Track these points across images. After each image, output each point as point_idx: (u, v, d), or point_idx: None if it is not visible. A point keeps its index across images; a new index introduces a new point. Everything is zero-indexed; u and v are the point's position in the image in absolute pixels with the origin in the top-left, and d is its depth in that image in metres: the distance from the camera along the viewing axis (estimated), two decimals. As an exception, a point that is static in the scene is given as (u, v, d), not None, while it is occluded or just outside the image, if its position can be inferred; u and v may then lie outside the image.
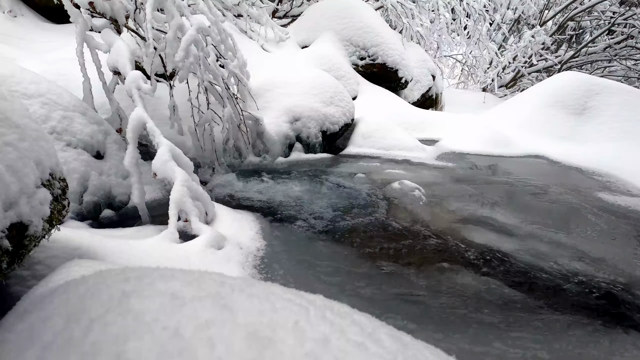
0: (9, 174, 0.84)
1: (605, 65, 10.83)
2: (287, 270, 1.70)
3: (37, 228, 0.93)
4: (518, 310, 1.56)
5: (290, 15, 7.43)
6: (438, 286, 1.69)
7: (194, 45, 2.48)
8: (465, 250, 2.02)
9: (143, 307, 0.57)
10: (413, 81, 6.82)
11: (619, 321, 1.54)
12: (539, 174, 3.63)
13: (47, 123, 1.95)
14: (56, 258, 1.11)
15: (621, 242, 2.29)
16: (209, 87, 2.91)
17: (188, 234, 1.77)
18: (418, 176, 3.27)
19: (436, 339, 1.35)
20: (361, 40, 6.01)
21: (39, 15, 4.60)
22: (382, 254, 1.94)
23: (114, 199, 2.22)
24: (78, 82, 2.43)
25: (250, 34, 5.47)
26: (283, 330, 0.53)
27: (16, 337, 0.62)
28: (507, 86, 11.60)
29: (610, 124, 4.54)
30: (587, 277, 1.85)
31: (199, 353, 0.48)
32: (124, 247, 1.40)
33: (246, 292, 0.62)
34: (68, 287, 0.71)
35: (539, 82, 5.71)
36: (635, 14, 9.30)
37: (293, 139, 3.67)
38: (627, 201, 2.98)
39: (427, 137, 4.92)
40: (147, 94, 2.11)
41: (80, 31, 2.24)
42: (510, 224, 2.40)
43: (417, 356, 0.57)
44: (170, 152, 1.94)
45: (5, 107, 0.92)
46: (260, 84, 3.83)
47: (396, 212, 2.46)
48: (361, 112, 4.56)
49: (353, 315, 0.63)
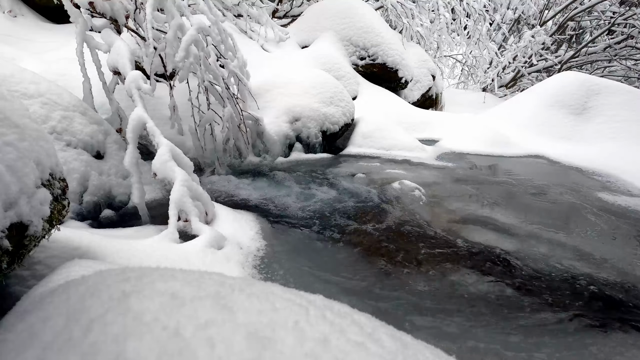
0: (9, 174, 0.84)
1: (605, 65, 10.83)
2: (287, 270, 1.70)
3: (37, 228, 0.93)
4: (517, 310, 1.56)
5: (290, 15, 7.43)
6: (438, 286, 1.69)
7: (194, 45, 2.48)
8: (465, 250, 2.02)
9: (143, 307, 0.57)
10: (413, 81, 6.82)
11: (619, 321, 1.54)
12: (539, 173, 3.63)
13: (47, 123, 1.95)
14: (56, 258, 1.11)
15: (621, 242, 2.29)
16: (209, 87, 2.91)
17: (188, 234, 1.77)
18: (418, 176, 3.27)
19: (436, 338, 1.35)
20: (361, 40, 6.01)
21: (39, 15, 4.60)
22: (382, 254, 1.94)
23: (114, 199, 2.22)
24: (78, 82, 2.43)
25: (250, 34, 5.47)
26: (283, 330, 0.53)
27: (16, 337, 0.62)
28: (507, 86, 11.60)
29: (610, 124, 4.53)
30: (587, 277, 1.85)
31: (199, 353, 0.48)
32: (124, 247, 1.40)
33: (246, 292, 0.62)
34: (68, 287, 0.71)
35: (539, 82, 5.71)
36: (635, 14, 9.30)
37: (293, 139, 3.67)
38: (627, 201, 2.98)
39: (427, 137, 4.92)
40: (147, 94, 2.11)
41: (80, 31, 2.24)
42: (510, 223, 2.40)
43: (417, 356, 0.57)
44: (170, 152, 1.94)
45: (5, 107, 0.92)
46: (260, 84, 3.83)
47: (396, 212, 2.46)
48: (361, 112, 4.56)
49: (353, 315, 0.63)
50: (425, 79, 7.25)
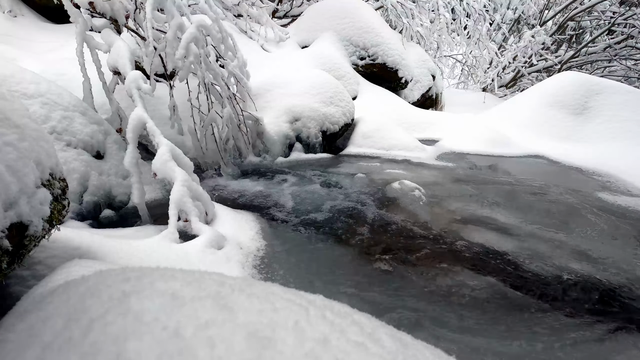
0: (9, 174, 0.84)
1: (605, 65, 10.82)
2: (287, 270, 1.70)
3: (37, 228, 0.93)
4: (517, 310, 1.56)
5: (290, 15, 7.43)
6: (437, 286, 1.69)
7: (194, 43, 2.48)
8: (465, 250, 2.02)
9: (143, 307, 0.57)
10: (413, 81, 6.82)
11: (619, 321, 1.54)
12: (538, 174, 3.63)
13: (47, 123, 1.95)
14: (56, 258, 1.11)
15: (621, 242, 2.29)
16: (209, 86, 2.91)
17: (188, 234, 1.77)
18: (418, 176, 3.27)
19: (436, 338, 1.35)
20: (361, 40, 6.01)
21: (39, 15, 4.60)
22: (382, 254, 1.94)
23: (114, 199, 2.22)
24: (78, 82, 2.43)
25: (250, 34, 5.47)
26: (283, 330, 0.53)
27: (16, 337, 0.62)
28: (507, 86, 11.59)
29: (610, 124, 4.53)
30: (587, 277, 1.85)
31: (199, 353, 0.48)
32: (124, 247, 1.40)
33: (246, 292, 0.62)
34: (68, 287, 0.71)
35: (539, 82, 5.71)
36: (635, 14, 9.29)
37: (293, 139, 3.67)
38: (627, 201, 2.98)
39: (427, 137, 4.92)
40: (147, 94, 2.11)
41: (80, 31, 2.24)
42: (510, 224, 2.40)
43: (417, 356, 0.57)
44: (170, 152, 1.94)
45: (5, 107, 0.92)
46: (260, 84, 3.83)
47: (396, 212, 2.46)
48: (361, 112, 4.56)
49: (353, 315, 0.63)
50: (425, 79, 7.25)
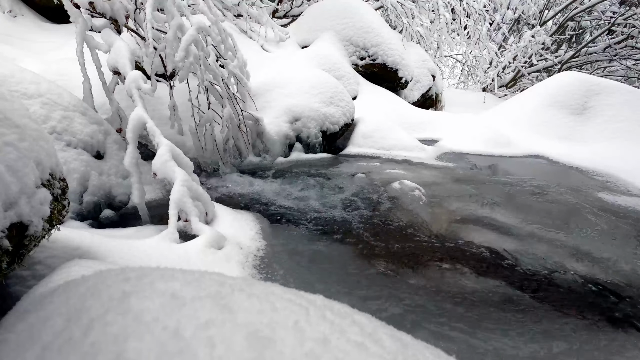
0: (9, 174, 0.84)
1: (605, 65, 10.83)
2: (287, 270, 1.70)
3: (37, 228, 0.93)
4: (517, 310, 1.56)
5: (290, 15, 7.43)
6: (437, 286, 1.69)
7: (194, 45, 2.48)
8: (465, 250, 2.02)
9: (143, 307, 0.57)
10: (413, 81, 6.82)
11: (619, 321, 1.54)
12: (539, 174, 3.63)
13: (47, 123, 1.95)
14: (56, 258, 1.11)
15: (621, 242, 2.29)
16: (209, 87, 2.91)
17: (188, 234, 1.77)
18: (418, 176, 3.27)
19: (436, 338, 1.35)
20: (361, 40, 6.01)
21: (39, 15, 4.60)
22: (382, 254, 1.94)
23: (114, 199, 2.22)
24: (78, 82, 2.42)
25: (250, 34, 5.47)
26: (283, 330, 0.53)
27: (16, 337, 0.62)
28: (507, 86, 11.59)
29: (610, 124, 4.54)
30: (587, 277, 1.85)
31: (199, 353, 0.48)
32: (124, 247, 1.40)
33: (246, 292, 0.62)
34: (68, 287, 0.71)
35: (539, 82, 5.71)
36: (635, 14, 9.30)
37: (293, 139, 3.67)
38: (627, 201, 2.98)
39: (427, 137, 4.92)
40: (147, 94, 2.11)
41: (80, 31, 2.24)
42: (510, 224, 2.40)
43: (417, 356, 0.57)
44: (170, 152, 1.94)
45: (5, 107, 0.92)
46: (260, 84, 3.82)
47: (396, 212, 2.46)
48: (361, 112, 4.56)
49: (353, 315, 0.63)
50: (425, 79, 7.25)
